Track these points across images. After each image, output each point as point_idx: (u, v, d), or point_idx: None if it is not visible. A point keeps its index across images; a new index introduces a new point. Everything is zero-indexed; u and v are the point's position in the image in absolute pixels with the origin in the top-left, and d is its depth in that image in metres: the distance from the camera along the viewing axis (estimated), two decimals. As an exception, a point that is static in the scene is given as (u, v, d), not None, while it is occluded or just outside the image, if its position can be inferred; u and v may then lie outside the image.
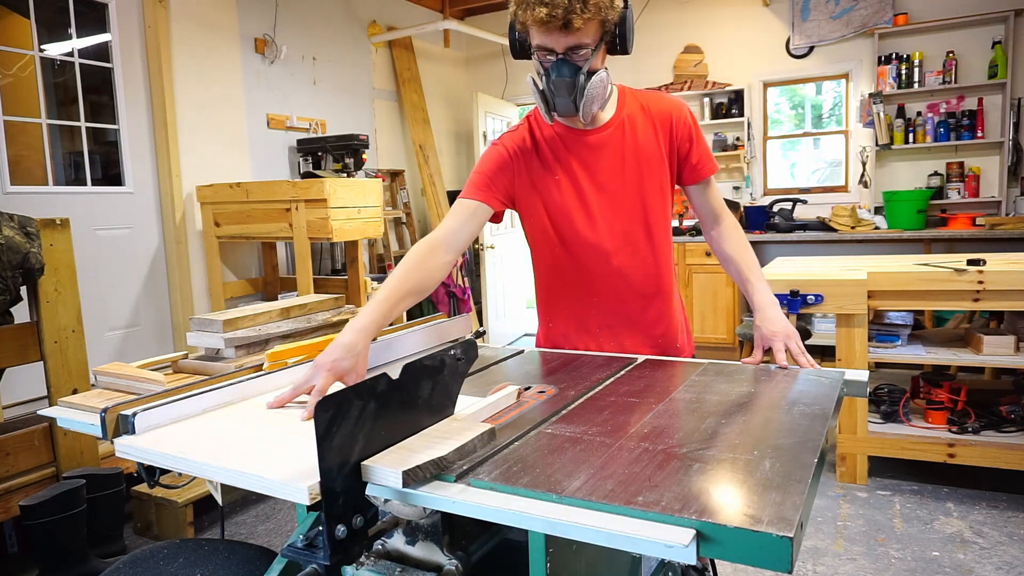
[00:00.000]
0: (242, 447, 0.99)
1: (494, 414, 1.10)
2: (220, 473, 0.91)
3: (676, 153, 1.54)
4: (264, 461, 0.91)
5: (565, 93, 1.38)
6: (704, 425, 1.03)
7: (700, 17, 5.65)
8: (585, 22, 1.30)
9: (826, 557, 2.50)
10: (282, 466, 0.89)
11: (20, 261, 2.45)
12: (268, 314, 1.58)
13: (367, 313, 1.26)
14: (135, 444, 1.02)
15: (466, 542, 0.97)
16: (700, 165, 1.56)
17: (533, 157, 1.55)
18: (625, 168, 1.52)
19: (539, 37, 1.36)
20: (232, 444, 1.00)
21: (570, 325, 1.65)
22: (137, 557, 1.21)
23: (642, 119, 1.53)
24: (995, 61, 4.73)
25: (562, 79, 1.37)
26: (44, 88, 3.48)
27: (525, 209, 1.59)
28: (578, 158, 1.53)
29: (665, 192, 1.56)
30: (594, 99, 1.41)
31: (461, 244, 1.48)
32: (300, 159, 4.69)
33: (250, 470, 0.87)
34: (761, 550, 0.68)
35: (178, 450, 0.98)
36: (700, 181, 1.58)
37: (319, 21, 5.01)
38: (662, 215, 1.57)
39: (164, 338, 3.99)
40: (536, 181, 1.55)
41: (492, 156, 1.55)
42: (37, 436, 2.52)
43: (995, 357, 2.94)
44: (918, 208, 4.74)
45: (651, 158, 1.52)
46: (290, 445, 0.98)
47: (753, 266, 1.57)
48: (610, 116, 1.52)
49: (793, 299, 2.92)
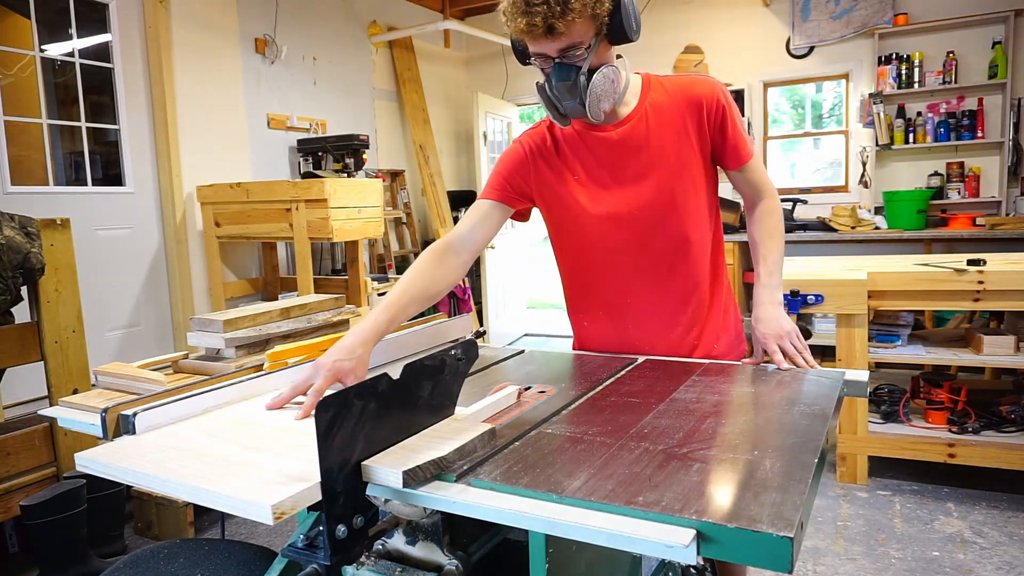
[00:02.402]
0: (211, 461, 0.92)
1: (494, 414, 1.10)
2: (179, 490, 0.86)
3: (711, 139, 1.45)
4: (229, 477, 0.85)
5: (569, 96, 1.34)
6: (704, 425, 1.03)
7: (700, 17, 5.65)
8: (569, 24, 1.26)
9: (826, 557, 2.50)
10: (250, 481, 0.83)
11: (21, 261, 2.45)
12: (268, 314, 1.58)
13: (370, 318, 1.26)
14: (94, 457, 0.95)
15: (466, 542, 0.97)
16: (738, 148, 1.47)
17: (552, 155, 1.51)
18: (650, 162, 1.44)
19: (531, 45, 1.34)
20: (200, 458, 0.94)
21: (600, 327, 1.60)
22: (137, 557, 1.21)
23: (669, 107, 1.44)
24: (995, 61, 4.73)
25: (563, 83, 1.33)
26: (44, 88, 3.48)
27: (545, 208, 1.55)
28: (597, 155, 1.47)
29: (698, 183, 1.47)
30: (600, 97, 1.35)
31: (475, 245, 1.46)
32: (300, 159, 4.69)
33: (211, 487, 0.82)
34: (761, 550, 0.68)
35: (138, 465, 0.91)
36: (741, 166, 1.49)
37: (319, 21, 5.01)
38: (696, 208, 1.48)
39: (164, 338, 3.99)
40: (555, 179, 1.51)
41: (509, 155, 1.53)
42: (37, 436, 2.52)
43: (995, 357, 2.94)
44: (918, 208, 4.74)
45: (681, 148, 1.44)
46: (265, 459, 0.92)
47: (769, 259, 1.51)
48: (630, 110, 1.45)
49: (793, 299, 2.92)
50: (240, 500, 0.79)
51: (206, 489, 0.83)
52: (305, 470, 0.86)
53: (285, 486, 0.81)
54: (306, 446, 0.95)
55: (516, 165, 1.51)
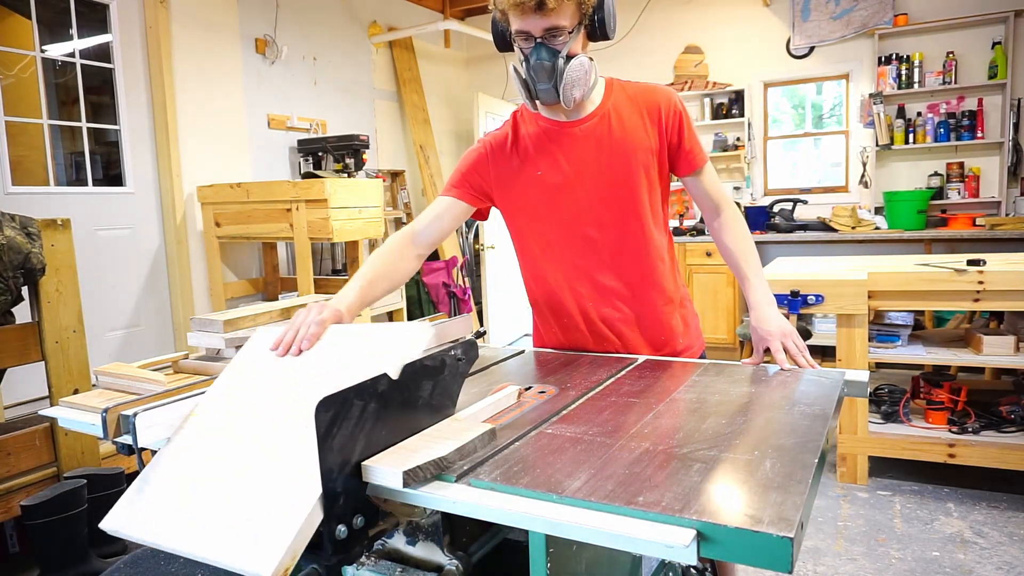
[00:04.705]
0: (210, 515, 0.89)
1: (495, 414, 1.10)
2: (189, 555, 0.88)
3: (667, 143, 1.51)
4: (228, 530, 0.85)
5: (545, 78, 1.39)
6: (705, 425, 1.03)
7: (700, 17, 5.64)
8: (559, 3, 1.31)
9: (826, 557, 2.50)
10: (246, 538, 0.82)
11: (21, 261, 2.45)
12: (269, 314, 1.58)
13: (346, 289, 1.37)
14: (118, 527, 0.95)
15: (466, 542, 0.97)
16: (693, 154, 1.53)
17: (513, 154, 1.55)
18: (610, 158, 1.49)
19: (516, 22, 1.37)
20: (200, 512, 0.91)
21: (562, 322, 1.63)
22: (137, 557, 1.21)
23: (629, 109, 1.50)
24: (995, 62, 4.73)
25: (540, 63, 1.38)
26: (45, 89, 3.48)
27: (506, 204, 1.59)
28: (561, 150, 1.51)
29: (655, 184, 1.52)
30: (574, 83, 1.40)
31: (432, 239, 1.55)
32: (301, 159, 4.69)
33: (211, 556, 0.83)
34: (761, 550, 0.69)
35: (148, 533, 0.93)
36: (696, 171, 1.54)
37: (319, 21, 5.01)
38: (653, 207, 1.53)
39: (164, 338, 3.99)
40: (515, 177, 1.55)
41: (470, 154, 1.60)
42: (38, 436, 2.52)
43: (995, 357, 2.94)
44: (918, 208, 4.74)
45: (638, 149, 1.49)
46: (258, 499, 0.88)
47: (751, 261, 1.54)
48: (594, 107, 1.51)
49: (794, 299, 2.92)
50: (238, 569, 0.80)
51: (207, 557, 0.84)
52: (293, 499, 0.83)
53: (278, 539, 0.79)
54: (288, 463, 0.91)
55: (476, 164, 1.57)
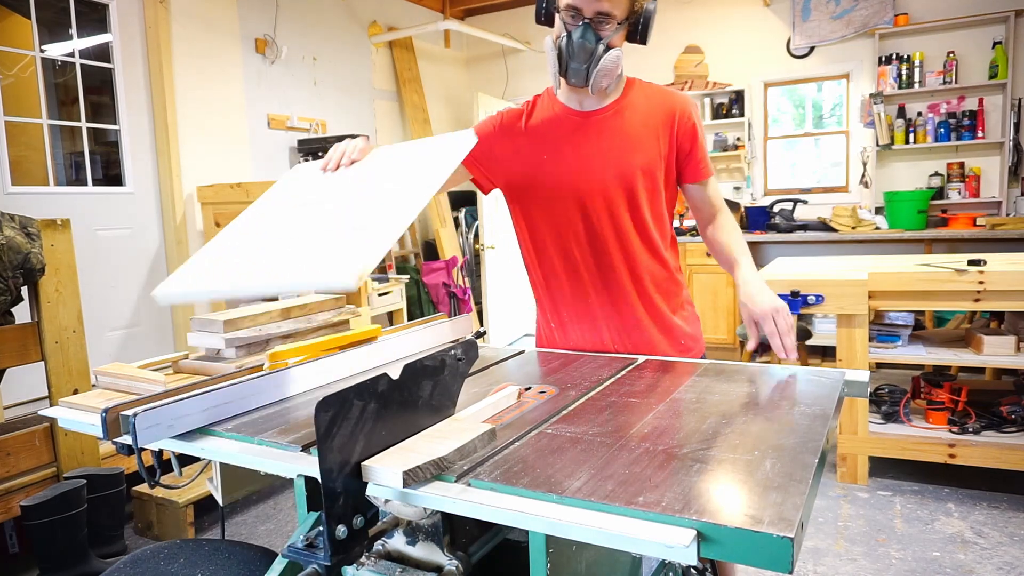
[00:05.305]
0: (282, 260, 0.98)
1: (495, 414, 1.10)
2: (260, 287, 0.93)
3: (677, 149, 1.52)
4: (300, 262, 0.91)
5: (582, 59, 1.41)
6: (705, 425, 1.03)
7: (701, 17, 5.64)
8: None
9: (827, 557, 2.49)
10: (319, 263, 0.88)
11: (21, 261, 2.45)
12: (269, 314, 1.58)
13: None
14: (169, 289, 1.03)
15: (466, 542, 0.97)
16: (702, 164, 1.55)
17: (524, 132, 1.56)
18: (618, 153, 1.50)
19: None
20: (271, 261, 1.00)
21: (561, 315, 1.63)
22: (137, 557, 1.21)
23: (645, 109, 1.51)
24: (995, 61, 4.73)
25: (583, 43, 1.39)
26: (45, 88, 3.48)
27: (505, 182, 1.60)
28: (571, 138, 1.52)
29: (658, 186, 1.53)
30: (605, 73, 1.42)
31: None
32: (301, 159, 4.69)
33: (291, 284, 0.88)
34: (762, 550, 0.68)
35: (214, 286, 1.00)
36: (700, 182, 1.56)
37: (319, 21, 5.01)
38: (654, 206, 1.53)
39: (164, 338, 3.99)
40: (520, 155, 1.56)
41: (483, 123, 1.63)
42: (38, 436, 2.52)
43: (995, 357, 2.94)
44: (919, 208, 4.74)
45: (647, 148, 1.50)
46: (317, 244, 0.97)
47: (742, 249, 1.55)
48: (611, 101, 1.52)
49: (794, 299, 2.92)
50: (321, 280, 0.85)
51: (290, 281, 0.89)
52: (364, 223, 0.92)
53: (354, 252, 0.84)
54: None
55: (483, 132, 1.59)
